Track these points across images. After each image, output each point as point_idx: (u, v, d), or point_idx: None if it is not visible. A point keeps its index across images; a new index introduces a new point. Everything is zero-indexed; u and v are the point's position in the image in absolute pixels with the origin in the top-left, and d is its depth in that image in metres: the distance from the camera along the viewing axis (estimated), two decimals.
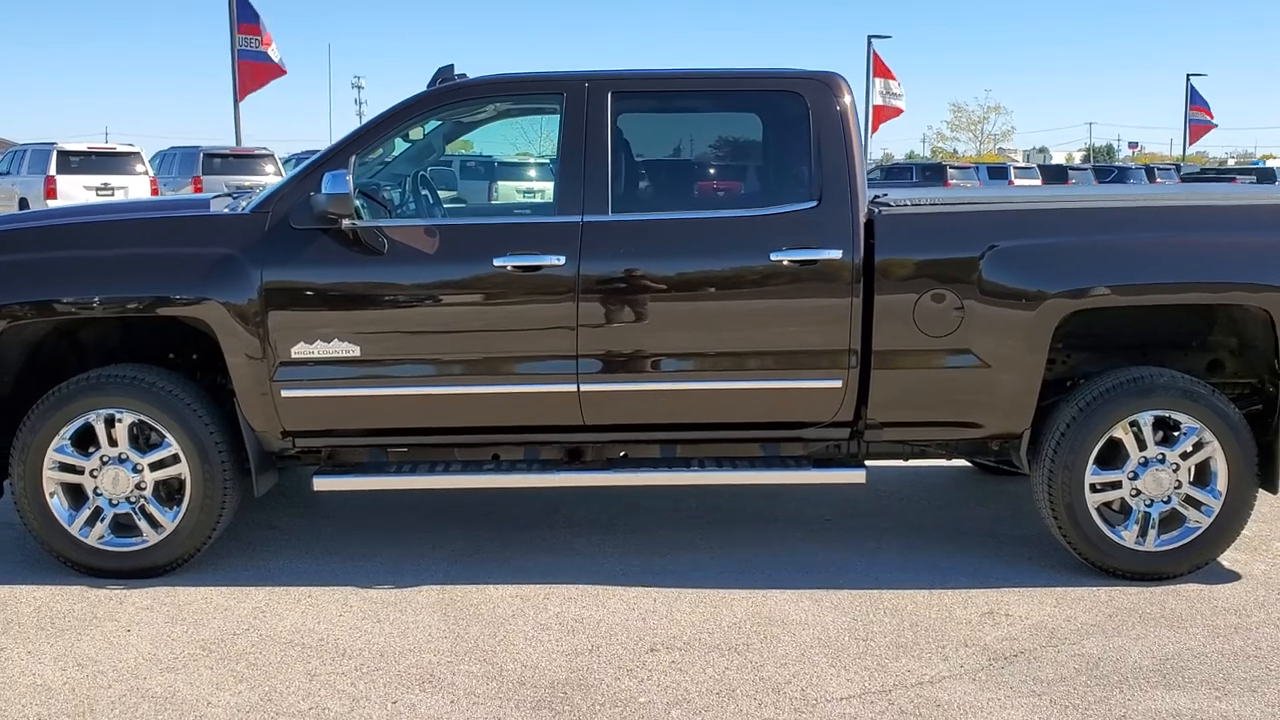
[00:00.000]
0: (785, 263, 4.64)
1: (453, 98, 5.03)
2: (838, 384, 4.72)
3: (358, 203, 4.63)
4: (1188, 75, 47.20)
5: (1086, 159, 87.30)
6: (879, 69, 37.27)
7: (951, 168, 34.27)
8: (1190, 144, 49.04)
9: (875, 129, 38.07)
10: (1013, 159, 65.66)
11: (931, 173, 33.49)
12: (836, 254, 4.63)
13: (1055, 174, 35.89)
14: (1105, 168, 39.55)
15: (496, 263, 4.63)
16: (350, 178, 4.49)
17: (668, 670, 3.98)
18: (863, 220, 4.68)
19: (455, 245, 4.73)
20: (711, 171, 5.32)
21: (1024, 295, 4.62)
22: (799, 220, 4.68)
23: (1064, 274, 4.63)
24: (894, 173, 35.15)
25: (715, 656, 4.09)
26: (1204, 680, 3.93)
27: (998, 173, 34.44)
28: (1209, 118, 46.81)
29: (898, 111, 36.94)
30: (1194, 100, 47.25)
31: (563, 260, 4.62)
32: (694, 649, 4.15)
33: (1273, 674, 3.98)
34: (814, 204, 4.70)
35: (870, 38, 37.19)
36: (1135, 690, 3.85)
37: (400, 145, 5.47)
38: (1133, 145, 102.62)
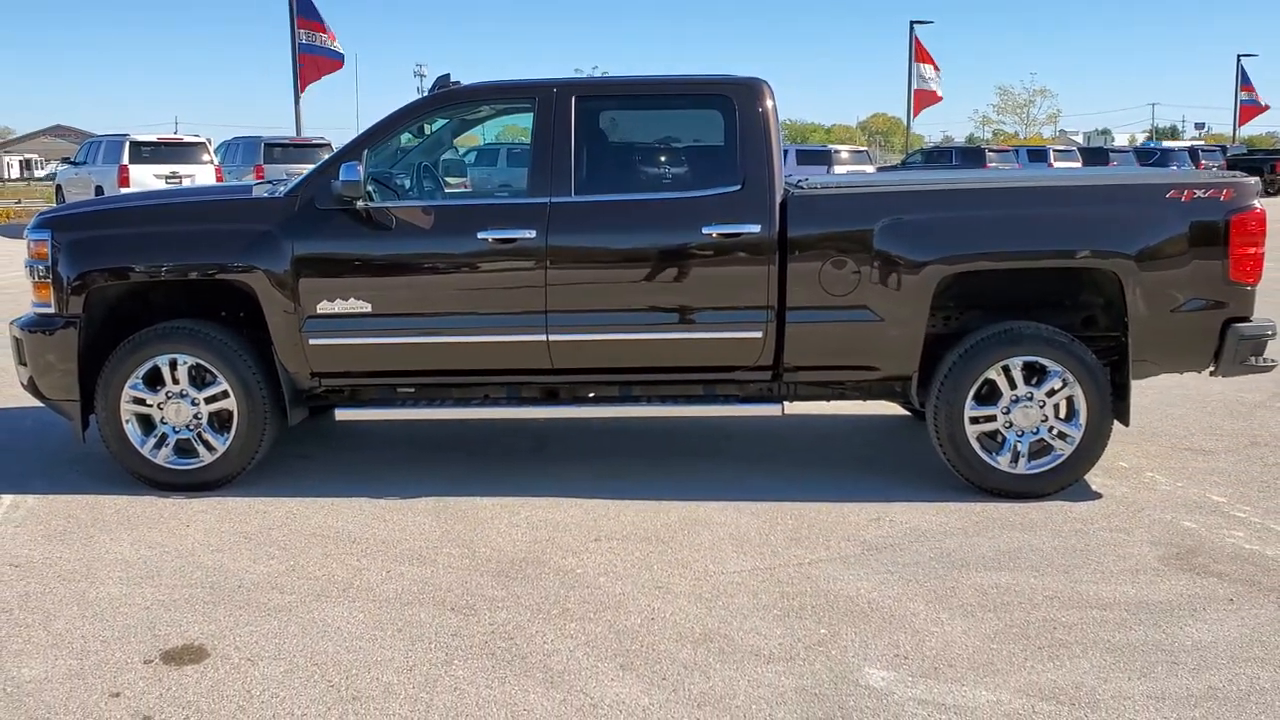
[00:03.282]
0: (714, 235, 5.68)
1: (447, 101, 6.13)
2: (759, 335, 5.75)
3: (370, 188, 5.75)
4: (1238, 56, 47.23)
5: (1149, 140, 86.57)
6: (921, 54, 37.89)
7: (990, 150, 34.85)
8: (1240, 125, 49.00)
9: (916, 113, 38.72)
10: (1073, 141, 65.56)
11: (971, 156, 34.11)
12: (756, 228, 5.66)
13: (1096, 156, 36.31)
14: (1148, 150, 39.83)
15: (480, 236, 5.72)
16: (361, 167, 5.60)
17: (604, 553, 5.07)
18: (778, 201, 5.70)
19: (448, 222, 5.84)
20: (656, 160, 6.32)
21: (908, 262, 5.62)
22: (725, 201, 5.72)
23: (940, 244, 5.62)
24: (934, 156, 35.77)
25: (644, 545, 5.17)
26: (1030, 565, 4.93)
27: (1037, 155, 34.97)
28: (1258, 99, 46.83)
29: (938, 97, 37.59)
30: (1244, 81, 47.27)
31: (534, 233, 5.70)
32: (630, 540, 5.24)
33: (1090, 562, 4.97)
34: (738, 188, 5.73)
35: (912, 23, 37.87)
36: (971, 571, 4.87)
37: (449, 139, 6.82)
38: (1199, 126, 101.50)
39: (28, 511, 5.69)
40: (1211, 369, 5.84)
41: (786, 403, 6.02)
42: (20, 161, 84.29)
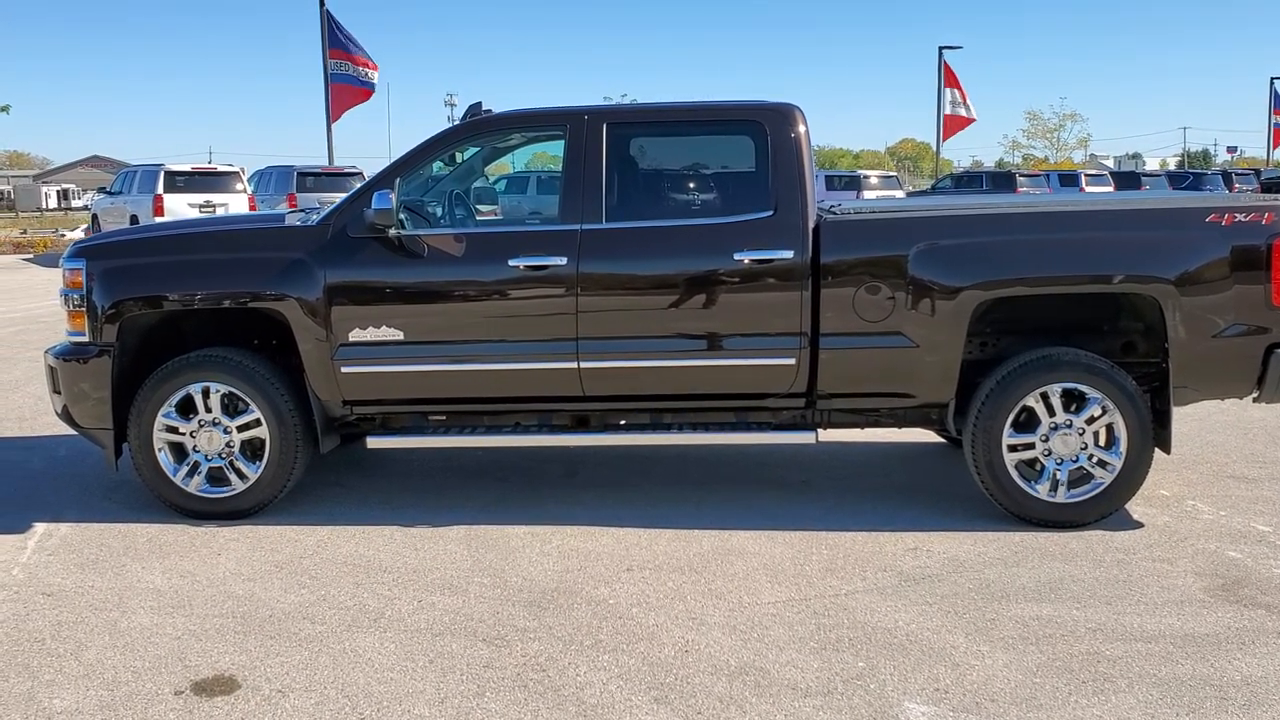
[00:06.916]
0: (746, 261, 5.64)
1: (478, 130, 6.13)
2: (791, 361, 5.69)
3: (402, 216, 5.74)
4: (1271, 79, 46.83)
5: (1181, 164, 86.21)
6: (950, 79, 37.76)
7: (1021, 175, 34.70)
8: (1275, 148, 48.49)
9: (946, 138, 38.56)
10: (1104, 165, 65.32)
11: (1002, 180, 33.97)
12: (789, 254, 5.62)
13: (1128, 181, 36.08)
14: (1180, 174, 39.53)
15: (511, 263, 5.70)
16: (394, 196, 5.60)
17: (637, 583, 5.01)
18: (811, 226, 5.66)
19: (479, 249, 5.82)
20: (687, 186, 6.29)
21: (943, 287, 5.55)
22: (758, 227, 5.67)
23: (976, 269, 5.55)
24: (965, 180, 35.62)
25: (677, 574, 5.11)
26: (1072, 596, 4.83)
27: (1069, 180, 34.77)
28: None
29: (968, 121, 37.43)
30: (1277, 104, 46.84)
31: (564, 260, 5.67)
32: (662, 570, 5.17)
33: (1133, 593, 4.87)
34: (770, 213, 5.69)
35: (941, 48, 37.71)
36: (1011, 602, 4.77)
37: (480, 167, 6.81)
38: (1231, 150, 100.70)
39: (61, 540, 5.69)
40: (1255, 395, 5.73)
41: (820, 430, 5.96)
42: (58, 191, 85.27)
